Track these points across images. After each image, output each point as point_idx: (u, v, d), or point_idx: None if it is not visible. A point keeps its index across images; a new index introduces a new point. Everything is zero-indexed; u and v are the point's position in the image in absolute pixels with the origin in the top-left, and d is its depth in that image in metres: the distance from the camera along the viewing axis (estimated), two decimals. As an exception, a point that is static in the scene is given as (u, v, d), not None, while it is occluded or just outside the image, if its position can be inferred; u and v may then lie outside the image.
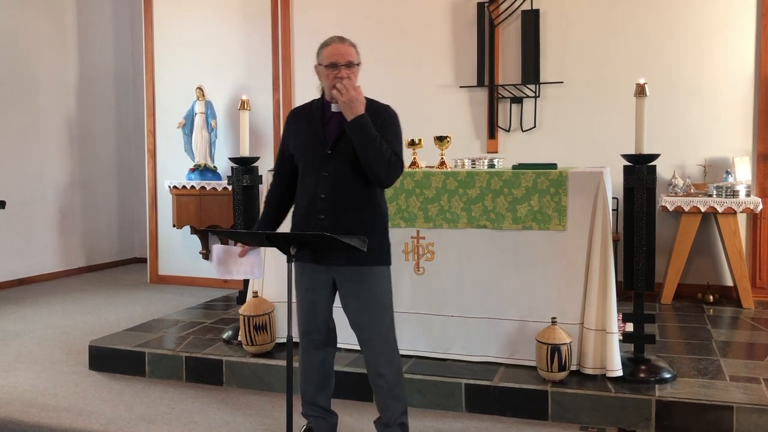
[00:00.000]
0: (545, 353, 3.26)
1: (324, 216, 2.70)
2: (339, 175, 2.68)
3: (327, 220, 2.69)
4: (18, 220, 6.81)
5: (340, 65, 2.66)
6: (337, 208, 2.69)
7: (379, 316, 2.76)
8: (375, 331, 2.76)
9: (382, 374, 2.77)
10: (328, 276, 2.76)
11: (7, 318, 5.42)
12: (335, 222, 2.67)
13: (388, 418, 2.80)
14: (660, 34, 5.38)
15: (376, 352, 2.78)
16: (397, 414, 2.80)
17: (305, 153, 2.76)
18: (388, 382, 2.78)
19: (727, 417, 2.99)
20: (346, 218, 2.68)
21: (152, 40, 6.79)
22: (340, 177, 2.68)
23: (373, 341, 2.77)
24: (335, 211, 2.69)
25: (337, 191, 2.68)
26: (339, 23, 6.13)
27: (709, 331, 4.27)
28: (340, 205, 2.69)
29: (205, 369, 3.84)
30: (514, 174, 3.54)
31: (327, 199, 2.69)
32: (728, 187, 4.91)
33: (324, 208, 2.70)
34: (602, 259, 3.35)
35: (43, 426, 3.27)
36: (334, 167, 2.68)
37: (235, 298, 5.02)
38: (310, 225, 2.71)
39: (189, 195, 6.37)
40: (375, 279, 2.73)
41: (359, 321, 2.76)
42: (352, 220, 2.68)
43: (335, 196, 2.69)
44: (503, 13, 5.68)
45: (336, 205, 2.69)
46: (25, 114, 6.90)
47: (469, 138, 5.82)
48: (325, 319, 2.85)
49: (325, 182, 2.69)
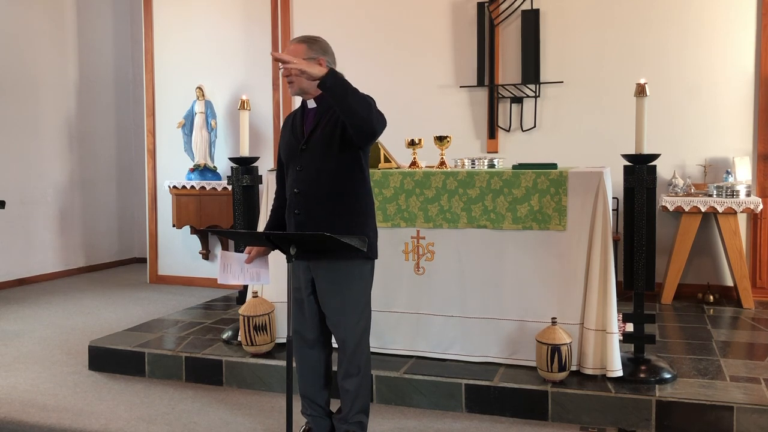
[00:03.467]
0: (545, 353, 3.26)
1: (299, 211, 2.73)
2: (311, 169, 2.70)
3: (302, 214, 2.72)
4: (18, 220, 6.81)
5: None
6: (310, 202, 2.71)
7: (355, 317, 2.76)
8: (349, 332, 2.76)
9: (351, 374, 2.80)
10: (309, 275, 2.78)
11: (7, 318, 5.42)
12: (309, 216, 2.70)
13: (348, 415, 2.83)
14: (660, 33, 5.38)
15: (349, 351, 2.78)
16: (356, 411, 2.82)
17: (286, 151, 2.82)
18: (354, 384, 2.80)
19: (727, 417, 2.99)
20: (319, 212, 2.69)
21: (152, 40, 6.79)
22: (313, 171, 2.70)
23: (346, 343, 2.78)
24: (308, 206, 2.71)
25: (310, 185, 2.71)
26: (339, 23, 6.14)
27: (710, 331, 4.27)
28: (313, 200, 2.70)
29: (204, 369, 3.84)
30: (514, 174, 3.54)
31: (301, 193, 2.72)
32: (728, 187, 4.91)
33: (298, 203, 2.73)
34: (602, 259, 3.35)
35: (43, 426, 3.27)
36: (308, 161, 2.71)
37: (235, 298, 5.03)
38: (291, 221, 2.76)
39: (189, 195, 6.37)
40: (352, 275, 2.72)
41: (334, 320, 2.77)
42: (326, 214, 2.69)
43: (308, 191, 2.71)
44: (503, 13, 5.68)
45: (309, 200, 2.71)
46: (25, 114, 6.90)
47: (469, 138, 5.82)
48: (314, 319, 2.84)
49: (299, 177, 2.73)
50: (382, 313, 3.76)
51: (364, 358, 2.82)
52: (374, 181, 3.76)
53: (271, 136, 6.38)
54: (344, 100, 2.50)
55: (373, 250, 2.78)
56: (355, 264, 2.73)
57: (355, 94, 2.52)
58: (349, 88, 2.51)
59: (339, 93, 2.50)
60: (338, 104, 2.52)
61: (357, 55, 6.04)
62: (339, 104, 2.52)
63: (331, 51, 2.80)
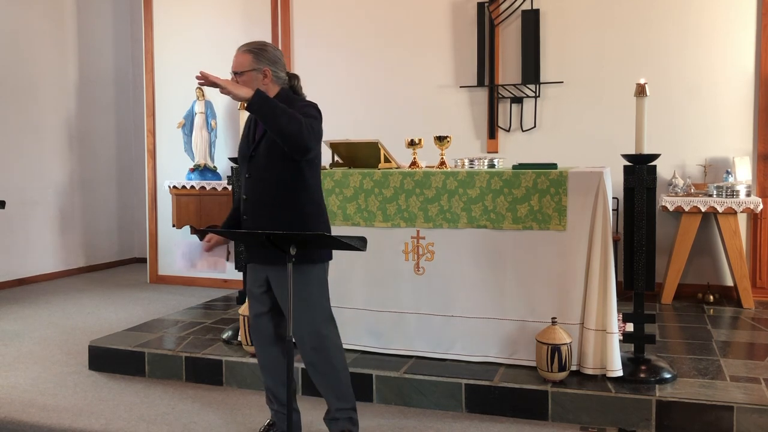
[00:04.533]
0: (545, 353, 3.26)
1: (246, 216, 2.81)
2: (256, 176, 2.77)
3: (249, 220, 2.80)
4: (18, 220, 6.81)
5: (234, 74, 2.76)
6: (255, 208, 2.78)
7: (308, 315, 2.79)
8: (305, 328, 2.79)
9: (317, 371, 2.84)
10: (264, 274, 2.84)
11: (7, 318, 5.42)
12: (255, 222, 2.77)
13: (333, 413, 2.87)
14: (660, 33, 5.38)
15: (309, 349, 2.81)
16: (340, 408, 2.86)
17: (239, 156, 2.91)
18: (325, 379, 2.84)
19: (727, 417, 2.99)
20: (264, 218, 2.75)
21: (152, 40, 6.79)
22: (257, 178, 2.77)
23: (304, 339, 2.81)
24: (254, 212, 2.78)
25: (255, 192, 2.78)
26: (339, 23, 6.14)
27: (710, 331, 4.27)
28: (258, 206, 2.77)
29: (204, 369, 3.84)
30: (514, 174, 3.54)
31: (248, 200, 2.80)
32: (728, 187, 4.91)
33: (246, 209, 2.81)
34: (602, 259, 3.35)
35: (43, 426, 3.27)
36: (253, 168, 2.78)
37: (235, 298, 5.03)
38: (243, 227, 2.84)
39: (189, 195, 6.37)
40: (305, 278, 2.75)
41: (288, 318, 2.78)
42: (270, 220, 2.74)
43: (254, 197, 2.78)
44: (503, 13, 5.68)
45: (255, 206, 2.78)
46: (25, 114, 6.90)
47: (469, 138, 5.82)
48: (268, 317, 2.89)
49: (247, 184, 2.81)
50: (382, 313, 3.77)
51: (324, 355, 2.82)
52: (374, 181, 3.76)
53: (271, 136, 6.37)
54: (272, 121, 2.56)
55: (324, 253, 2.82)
56: (308, 266, 2.74)
57: (284, 113, 2.55)
58: (278, 108, 2.55)
59: (266, 114, 2.56)
60: (267, 125, 2.59)
61: (357, 55, 6.05)
62: (267, 125, 2.59)
63: (280, 59, 2.80)
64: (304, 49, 6.21)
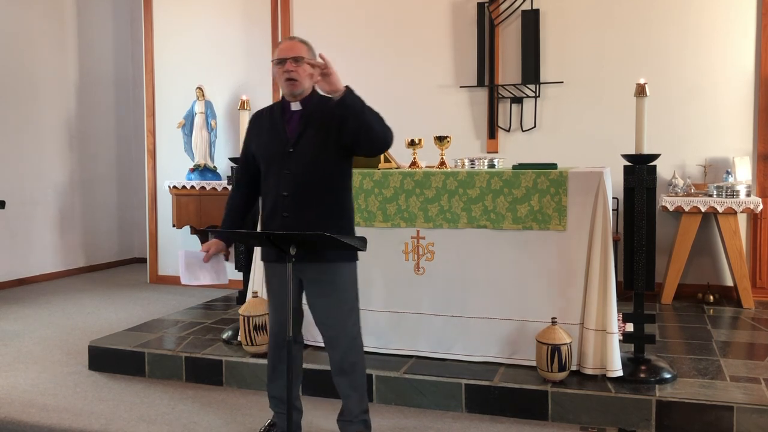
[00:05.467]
0: (545, 353, 3.26)
1: (287, 213, 2.74)
2: (300, 172, 2.72)
3: (290, 217, 2.73)
4: (18, 220, 6.81)
5: (286, 60, 2.69)
6: (299, 205, 2.72)
7: (345, 315, 2.78)
8: (340, 330, 2.78)
9: (347, 372, 2.81)
10: (296, 277, 2.77)
11: (7, 318, 5.42)
12: (298, 219, 2.71)
13: (351, 415, 2.85)
14: (660, 34, 5.38)
15: (342, 350, 2.80)
16: (360, 411, 2.84)
17: (267, 152, 2.80)
18: (353, 380, 2.82)
19: (727, 417, 2.99)
20: (308, 215, 2.71)
21: (152, 40, 6.79)
22: (302, 174, 2.71)
23: (338, 339, 2.79)
24: (298, 208, 2.72)
25: (299, 189, 2.72)
26: (339, 23, 6.14)
27: (710, 331, 4.27)
28: (302, 202, 2.72)
29: (204, 369, 3.84)
30: (514, 174, 3.54)
31: (289, 196, 2.73)
32: (728, 187, 4.91)
33: (287, 206, 2.74)
34: (602, 259, 3.35)
35: (43, 426, 3.27)
36: (296, 165, 2.72)
37: (234, 298, 5.03)
38: (276, 223, 2.76)
39: (189, 195, 6.37)
40: (340, 277, 2.75)
41: (325, 319, 2.79)
42: (315, 216, 2.71)
43: (297, 194, 2.72)
44: (503, 13, 5.68)
45: (298, 202, 2.72)
46: (25, 114, 6.90)
47: (469, 138, 5.82)
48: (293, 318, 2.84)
49: (288, 180, 2.73)
50: (382, 313, 3.76)
51: (358, 356, 2.83)
52: (374, 181, 3.76)
53: (271, 136, 6.37)
54: (362, 115, 2.55)
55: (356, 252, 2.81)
56: (341, 265, 2.75)
57: (371, 111, 2.58)
58: (364, 104, 2.56)
59: (358, 109, 2.54)
60: (356, 120, 2.55)
61: (357, 55, 6.04)
62: (357, 118, 2.55)
63: None
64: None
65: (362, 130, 2.57)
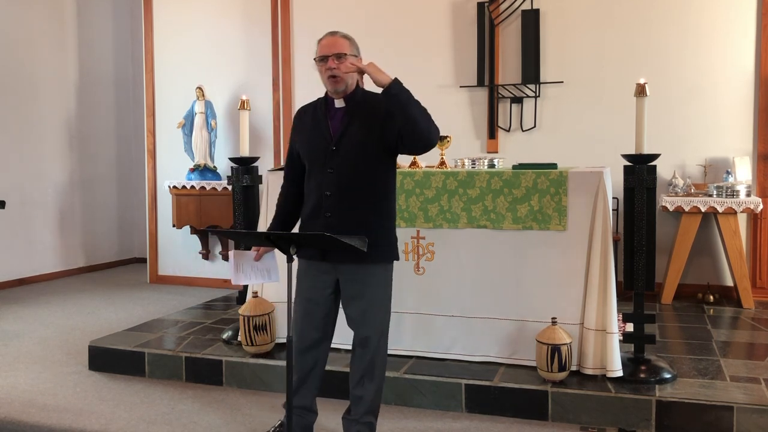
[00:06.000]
0: (545, 353, 3.26)
1: (330, 213, 2.67)
2: (344, 171, 2.65)
3: (333, 217, 2.66)
4: (18, 220, 6.81)
5: (328, 57, 2.65)
6: (343, 205, 2.66)
7: (381, 317, 2.76)
8: (373, 331, 2.75)
9: (369, 373, 2.76)
10: (332, 276, 2.74)
11: (7, 318, 5.42)
12: (342, 219, 2.65)
13: (359, 415, 2.80)
14: (660, 33, 5.38)
15: (372, 351, 2.76)
16: (368, 412, 2.80)
17: (310, 150, 2.74)
18: (370, 382, 2.78)
19: (727, 417, 2.99)
20: (352, 215, 2.65)
21: (152, 40, 6.79)
22: (346, 173, 2.65)
23: (370, 340, 2.76)
24: (341, 209, 2.66)
25: (342, 188, 2.65)
26: (339, 23, 6.10)
27: (709, 331, 4.27)
28: (346, 202, 2.65)
29: (204, 369, 3.84)
30: (514, 174, 3.54)
31: (332, 196, 2.66)
32: (728, 187, 4.91)
33: (330, 206, 2.67)
34: (602, 259, 3.35)
35: (43, 426, 3.27)
36: (339, 164, 2.65)
37: (235, 298, 5.03)
38: (318, 223, 2.69)
39: (189, 195, 6.37)
40: (380, 277, 2.73)
41: (360, 320, 2.75)
42: (359, 217, 2.65)
43: (341, 193, 2.66)
44: (503, 13, 5.68)
45: (342, 202, 2.66)
46: (25, 114, 6.90)
47: (469, 138, 5.82)
48: (325, 319, 2.81)
49: (331, 179, 2.66)
50: (382, 313, 3.76)
51: (381, 359, 2.80)
52: (374, 181, 3.76)
53: (271, 136, 6.37)
54: (407, 109, 2.48)
55: (396, 252, 2.80)
56: (380, 265, 2.72)
57: (417, 104, 2.50)
58: (411, 97, 2.49)
59: (404, 101, 2.48)
60: (401, 112, 2.49)
61: (357, 55, 6.04)
62: (402, 113, 2.49)
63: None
64: (304, 49, 6.20)
65: (407, 124, 2.50)
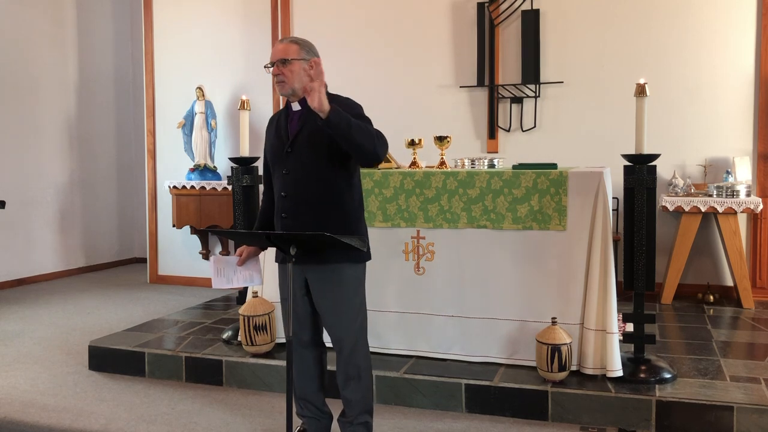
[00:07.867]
0: (545, 353, 3.26)
1: (286, 214, 2.72)
2: (297, 172, 2.69)
3: (289, 218, 2.71)
4: (18, 220, 6.81)
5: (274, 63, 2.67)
6: (298, 205, 2.70)
7: (350, 317, 2.75)
8: (344, 331, 2.75)
9: (351, 377, 2.78)
10: (302, 276, 2.76)
11: (7, 318, 5.42)
12: (297, 220, 2.69)
13: (353, 416, 2.81)
14: (660, 34, 5.38)
15: (346, 352, 2.77)
16: (362, 412, 2.81)
17: (272, 154, 2.81)
18: (356, 382, 2.78)
19: (727, 417, 2.99)
20: (307, 216, 2.68)
21: (152, 40, 6.79)
22: (299, 174, 2.69)
23: (343, 341, 2.76)
24: (297, 209, 2.70)
25: (296, 189, 2.69)
26: (339, 24, 6.14)
27: (709, 331, 4.27)
28: (300, 203, 2.69)
29: (205, 369, 3.84)
30: (514, 174, 3.54)
31: (288, 197, 2.71)
32: (728, 187, 4.91)
33: (286, 207, 2.72)
34: (602, 259, 3.35)
35: (43, 426, 3.27)
36: (293, 165, 2.69)
37: (235, 298, 5.03)
38: (278, 225, 2.76)
39: (189, 195, 6.37)
40: (345, 278, 2.72)
41: (330, 321, 2.76)
42: (314, 217, 2.67)
43: (295, 194, 2.70)
44: (503, 13, 5.68)
45: (297, 203, 2.70)
46: (25, 114, 6.90)
47: (469, 138, 5.82)
48: (308, 320, 2.83)
49: (286, 180, 2.71)
50: (382, 313, 3.76)
51: (362, 359, 2.80)
52: (374, 181, 3.76)
53: (271, 136, 6.37)
54: (350, 137, 2.47)
55: (366, 252, 2.78)
56: (346, 265, 2.72)
57: (358, 128, 2.48)
58: (352, 122, 2.47)
59: (344, 129, 2.46)
60: (345, 141, 2.49)
61: (357, 55, 6.05)
62: (346, 141, 2.48)
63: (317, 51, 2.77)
64: (304, 49, 6.21)
65: (352, 149, 2.52)
